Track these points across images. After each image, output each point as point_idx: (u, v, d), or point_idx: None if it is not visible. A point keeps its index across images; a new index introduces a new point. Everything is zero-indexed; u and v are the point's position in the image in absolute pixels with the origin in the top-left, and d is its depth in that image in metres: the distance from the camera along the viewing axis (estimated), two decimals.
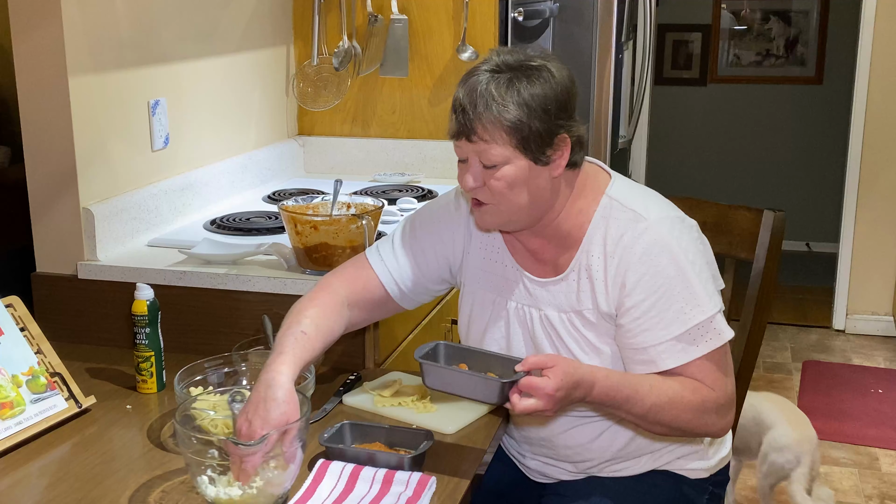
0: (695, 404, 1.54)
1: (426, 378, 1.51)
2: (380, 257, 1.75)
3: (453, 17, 2.96)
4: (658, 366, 1.55)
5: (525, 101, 1.49)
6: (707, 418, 1.56)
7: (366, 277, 1.74)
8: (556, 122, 1.52)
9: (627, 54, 4.07)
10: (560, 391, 1.42)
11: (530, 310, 1.66)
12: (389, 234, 1.80)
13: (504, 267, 1.70)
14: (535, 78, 1.51)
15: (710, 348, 1.55)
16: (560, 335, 1.63)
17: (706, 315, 1.54)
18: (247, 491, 1.39)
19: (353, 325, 1.72)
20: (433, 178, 3.03)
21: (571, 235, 1.62)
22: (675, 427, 1.56)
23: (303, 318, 1.59)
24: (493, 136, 1.50)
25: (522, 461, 1.83)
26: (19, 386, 1.68)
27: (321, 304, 1.64)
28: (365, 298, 1.72)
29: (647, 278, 1.55)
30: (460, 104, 1.53)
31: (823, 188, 5.88)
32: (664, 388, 1.53)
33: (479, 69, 1.54)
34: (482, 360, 1.55)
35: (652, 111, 5.29)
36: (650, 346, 1.55)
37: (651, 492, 1.71)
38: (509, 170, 1.52)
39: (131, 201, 2.24)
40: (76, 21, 2.06)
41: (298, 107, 3.13)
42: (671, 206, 1.64)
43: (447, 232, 1.75)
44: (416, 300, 1.79)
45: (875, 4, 4.36)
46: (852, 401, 3.85)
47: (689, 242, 1.58)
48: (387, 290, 1.74)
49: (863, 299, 4.64)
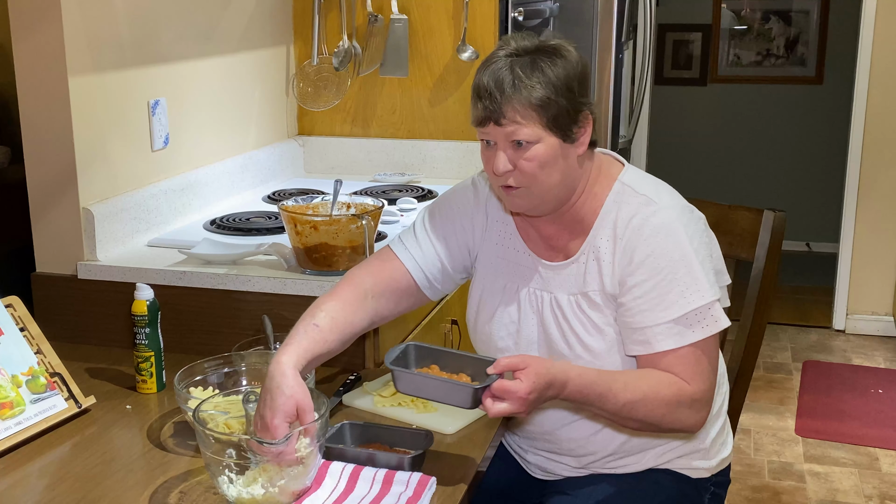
0: (668, 399, 1.54)
1: (397, 383, 1.50)
2: (404, 247, 1.76)
3: (453, 17, 2.96)
4: (653, 347, 1.57)
5: (550, 80, 1.52)
6: (680, 413, 1.55)
7: (391, 268, 1.74)
8: (579, 100, 1.56)
9: (627, 54, 4.07)
10: (532, 393, 1.43)
11: (542, 293, 1.68)
12: (410, 226, 1.80)
13: (517, 253, 1.72)
14: (556, 57, 1.54)
15: (705, 334, 1.56)
16: (567, 317, 1.65)
17: (705, 301, 1.56)
18: (269, 490, 1.39)
19: (380, 316, 1.72)
20: (433, 178, 3.03)
21: (585, 220, 1.65)
22: (649, 422, 1.56)
23: (318, 311, 1.59)
24: (524, 117, 1.53)
25: (524, 456, 1.84)
26: (19, 386, 1.68)
27: (341, 297, 1.64)
28: (391, 288, 1.72)
29: (651, 259, 1.57)
30: (486, 89, 1.54)
31: (823, 188, 5.88)
32: (639, 384, 1.54)
33: (496, 55, 1.57)
34: (454, 361, 1.54)
35: (652, 111, 5.29)
36: (647, 327, 1.57)
37: (652, 489, 1.71)
38: (540, 149, 1.54)
39: (131, 201, 2.24)
40: (76, 21, 2.06)
41: (298, 107, 3.13)
42: (681, 197, 1.67)
43: (467, 219, 1.76)
44: (440, 290, 1.79)
45: (875, 4, 4.36)
46: (852, 401, 3.85)
47: (696, 231, 1.60)
48: (414, 279, 1.74)
49: (863, 299, 4.64)
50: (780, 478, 3.26)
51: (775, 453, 3.44)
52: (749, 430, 3.61)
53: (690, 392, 1.55)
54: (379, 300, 1.70)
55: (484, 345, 1.76)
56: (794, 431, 3.60)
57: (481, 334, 1.76)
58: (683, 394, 1.55)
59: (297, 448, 1.40)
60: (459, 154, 3.02)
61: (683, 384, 1.55)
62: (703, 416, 1.59)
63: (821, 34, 5.90)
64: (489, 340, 1.74)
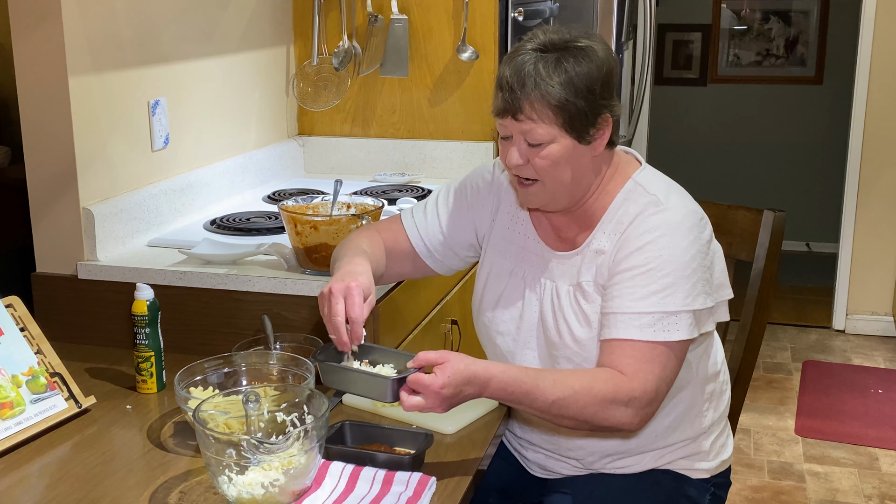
0: (602, 395, 1.48)
1: (322, 376, 1.55)
2: (410, 215, 1.85)
3: (453, 17, 2.97)
4: (612, 332, 1.55)
5: (571, 81, 1.52)
6: (615, 410, 1.49)
7: (395, 230, 1.84)
8: (600, 102, 1.55)
9: (627, 54, 4.07)
10: (447, 388, 1.42)
11: (545, 281, 1.69)
12: (425, 199, 1.90)
13: (527, 239, 1.74)
14: (581, 58, 1.54)
15: (663, 338, 1.53)
16: (562, 306, 1.66)
17: (677, 308, 1.54)
18: (269, 490, 1.39)
19: (388, 274, 1.82)
20: (433, 178, 3.03)
21: (595, 215, 1.66)
22: (582, 419, 1.50)
23: (360, 242, 1.74)
24: (540, 115, 1.53)
25: (524, 454, 1.84)
26: (19, 386, 1.68)
27: (368, 237, 1.78)
28: (395, 249, 1.82)
29: (640, 252, 1.57)
30: (507, 83, 1.54)
31: (823, 188, 5.88)
32: (569, 380, 1.49)
33: (524, 48, 1.56)
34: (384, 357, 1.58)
35: (652, 111, 5.28)
36: (615, 313, 1.56)
37: (653, 490, 1.71)
38: (554, 148, 1.55)
39: (131, 201, 2.24)
40: (76, 21, 2.06)
41: (298, 107, 3.13)
42: (695, 203, 1.66)
43: (478, 198, 1.80)
44: (445, 263, 1.85)
45: (875, 4, 4.36)
46: (852, 401, 3.85)
47: (697, 239, 1.58)
48: (412, 245, 1.82)
49: (863, 299, 4.64)
50: (779, 478, 3.26)
51: (775, 453, 3.44)
52: (749, 430, 3.61)
53: (629, 388, 1.49)
54: (387, 257, 1.80)
55: (486, 328, 1.77)
56: (793, 431, 3.60)
57: (485, 317, 1.77)
58: (620, 390, 1.49)
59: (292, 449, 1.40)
60: (459, 154, 3.02)
61: (622, 380, 1.50)
62: (642, 416, 1.52)
63: (821, 34, 5.90)
64: (491, 324, 1.75)
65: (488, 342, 1.79)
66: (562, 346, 1.64)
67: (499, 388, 1.47)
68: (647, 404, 1.52)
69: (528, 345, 1.70)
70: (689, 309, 1.55)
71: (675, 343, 1.55)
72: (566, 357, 1.65)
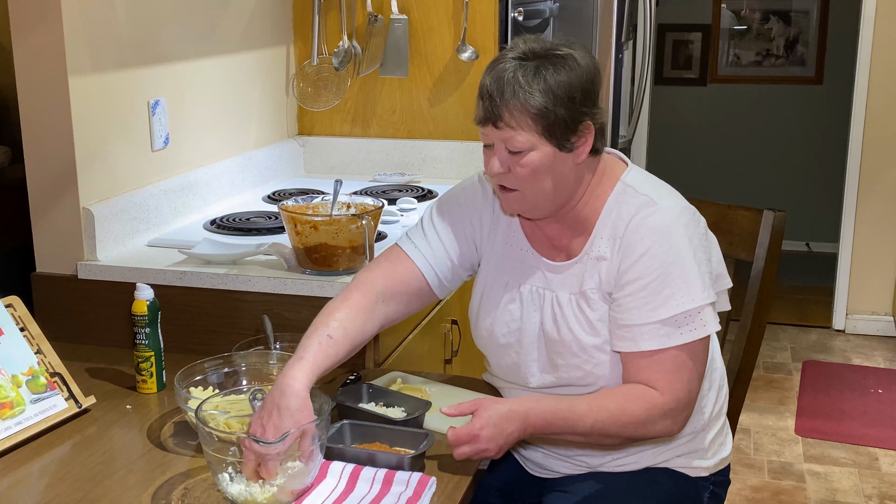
0: (639, 416, 1.55)
1: None
2: (414, 246, 1.75)
3: (453, 17, 2.97)
4: (638, 345, 1.57)
5: (551, 89, 1.52)
6: (655, 426, 1.57)
7: (403, 269, 1.73)
8: (580, 110, 1.55)
9: (627, 54, 4.07)
10: (486, 429, 1.49)
11: (544, 291, 1.69)
12: (417, 224, 1.80)
13: (521, 251, 1.73)
14: (560, 66, 1.54)
15: (692, 338, 1.56)
16: (565, 315, 1.65)
17: (695, 304, 1.55)
18: (268, 489, 1.39)
19: (390, 320, 1.72)
20: (433, 178, 3.03)
21: (588, 220, 1.65)
22: (625, 437, 1.59)
23: (332, 320, 1.59)
24: (520, 123, 1.53)
25: (523, 452, 1.84)
26: (19, 386, 1.68)
27: (353, 304, 1.64)
28: (402, 290, 1.72)
29: (645, 258, 1.57)
30: (487, 91, 1.55)
31: (823, 188, 5.88)
32: (603, 403, 1.56)
33: (505, 56, 1.57)
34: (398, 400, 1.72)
35: (652, 111, 5.29)
36: (634, 325, 1.57)
37: (651, 488, 1.71)
38: (534, 156, 1.55)
39: (131, 201, 2.24)
40: (76, 21, 2.06)
41: (298, 107, 3.13)
42: (683, 199, 1.66)
43: (475, 215, 1.77)
44: (449, 288, 1.79)
45: (875, 4, 4.36)
46: (852, 401, 3.85)
47: (695, 233, 1.60)
48: (426, 279, 1.73)
49: (863, 299, 4.64)
50: (779, 478, 3.26)
51: (775, 453, 3.44)
52: (749, 429, 3.61)
53: (662, 403, 1.55)
54: (389, 304, 1.70)
55: (485, 340, 1.77)
56: (793, 431, 3.60)
57: (483, 330, 1.76)
58: (654, 407, 1.55)
59: (291, 452, 1.40)
60: (459, 154, 3.02)
61: (654, 396, 1.56)
62: (681, 421, 1.60)
63: (821, 34, 5.90)
64: (490, 336, 1.75)
65: (493, 354, 1.78)
66: (567, 354, 1.64)
67: (539, 418, 1.53)
68: (684, 410, 1.59)
69: (531, 356, 1.70)
70: (708, 302, 1.57)
71: (699, 342, 1.58)
72: (575, 365, 1.64)
